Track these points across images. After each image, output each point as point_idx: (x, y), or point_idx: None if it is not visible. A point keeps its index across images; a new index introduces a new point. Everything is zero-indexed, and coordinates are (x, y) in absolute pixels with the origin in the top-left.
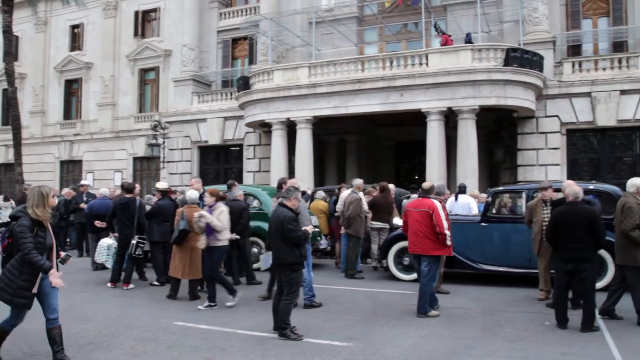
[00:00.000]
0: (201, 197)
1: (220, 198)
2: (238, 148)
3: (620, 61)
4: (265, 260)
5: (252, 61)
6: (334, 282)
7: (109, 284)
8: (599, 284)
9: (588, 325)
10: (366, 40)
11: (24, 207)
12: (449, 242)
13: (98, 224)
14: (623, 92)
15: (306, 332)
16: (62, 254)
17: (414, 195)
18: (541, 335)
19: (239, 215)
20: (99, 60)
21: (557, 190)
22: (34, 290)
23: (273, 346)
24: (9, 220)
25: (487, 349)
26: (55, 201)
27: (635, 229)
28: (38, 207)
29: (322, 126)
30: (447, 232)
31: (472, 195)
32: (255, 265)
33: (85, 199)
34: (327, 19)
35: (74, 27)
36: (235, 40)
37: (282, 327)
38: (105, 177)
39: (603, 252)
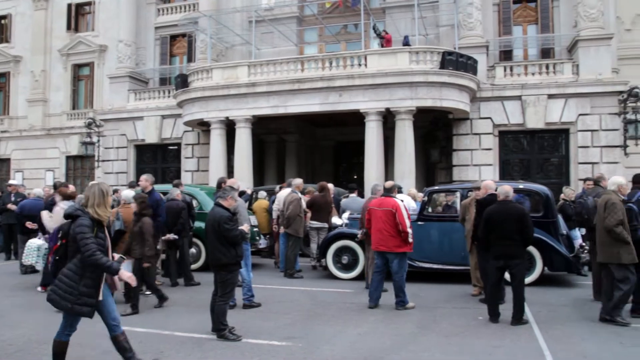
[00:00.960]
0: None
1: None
2: (176, 147)
3: (547, 67)
4: None
5: (190, 59)
6: (273, 282)
7: (39, 288)
8: (528, 279)
9: (518, 318)
10: (306, 41)
11: (81, 205)
12: (410, 240)
13: (29, 225)
14: (550, 96)
15: (245, 332)
16: (116, 256)
17: (353, 195)
18: (475, 329)
19: (177, 215)
20: (29, 54)
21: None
22: (100, 297)
23: (211, 347)
24: None
25: (423, 345)
26: (111, 200)
27: (619, 225)
28: (99, 206)
29: (261, 125)
30: (410, 230)
31: (411, 194)
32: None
33: (13, 199)
34: (267, 18)
35: (0, 17)
36: (173, 37)
37: (220, 328)
38: (36, 177)
39: (532, 249)
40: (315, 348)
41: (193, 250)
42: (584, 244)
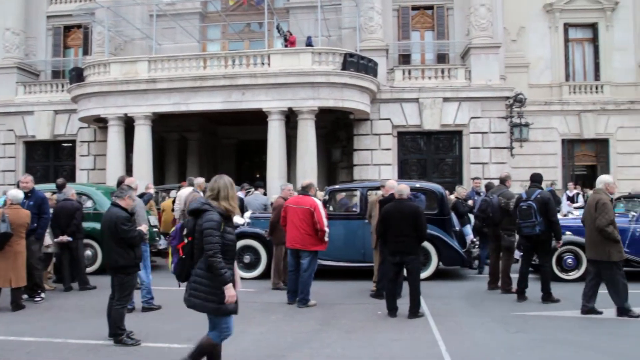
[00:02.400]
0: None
1: None
2: (71, 144)
3: (443, 72)
4: None
5: (86, 52)
6: (173, 284)
7: None
8: (424, 274)
9: (414, 312)
10: (209, 38)
11: (207, 199)
12: (326, 239)
13: None
14: (445, 99)
15: (145, 336)
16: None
17: (256, 192)
18: (374, 324)
19: (71, 216)
20: None
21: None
22: (239, 287)
23: (108, 354)
24: None
25: (325, 341)
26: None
27: (609, 225)
28: (227, 199)
29: (162, 123)
30: (327, 229)
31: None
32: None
33: None
34: (168, 13)
35: None
36: (68, 28)
37: (117, 333)
38: None
39: (428, 245)
40: None
41: (89, 252)
42: (475, 239)
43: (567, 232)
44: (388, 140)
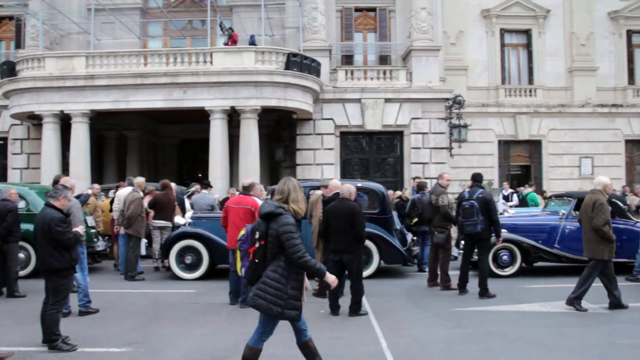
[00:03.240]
0: None
1: None
2: (1, 142)
3: (385, 73)
4: None
5: (19, 45)
6: (112, 286)
7: None
8: (366, 272)
9: (355, 310)
10: (150, 34)
11: (280, 202)
12: None
13: None
14: (387, 100)
15: (81, 341)
16: None
17: (204, 191)
18: (317, 323)
19: (3, 218)
20: None
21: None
22: (304, 298)
23: None
24: None
25: (269, 341)
26: None
27: (606, 225)
28: (296, 202)
29: (101, 121)
30: None
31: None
32: None
33: None
34: (107, 7)
35: None
36: None
37: (52, 338)
38: None
39: (369, 244)
40: (157, 352)
41: (21, 255)
42: (415, 238)
43: (504, 230)
44: (331, 140)
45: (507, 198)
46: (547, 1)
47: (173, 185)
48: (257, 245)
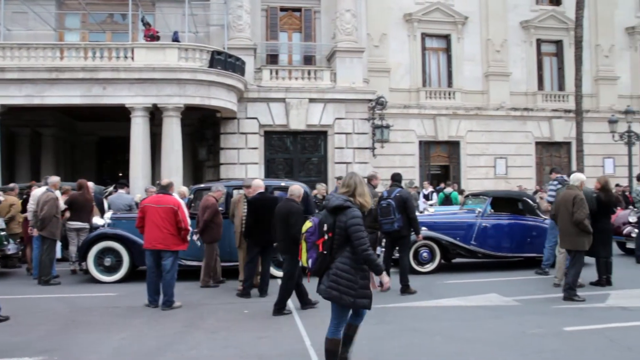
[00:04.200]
0: None
1: None
2: None
3: (309, 73)
4: None
5: None
6: (25, 291)
7: None
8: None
9: (278, 309)
10: (67, 26)
11: (347, 196)
12: (189, 238)
13: None
14: (311, 100)
15: None
16: None
17: (121, 191)
18: (241, 323)
19: None
20: None
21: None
22: (373, 287)
23: None
24: None
25: (190, 343)
26: None
27: (586, 218)
28: (362, 195)
29: (12, 116)
30: (190, 228)
31: (180, 193)
32: None
33: None
34: None
35: None
36: None
37: None
38: None
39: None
40: (74, 359)
41: None
42: None
43: (423, 228)
44: (255, 140)
45: (427, 197)
46: (466, 8)
47: (91, 184)
48: (325, 237)
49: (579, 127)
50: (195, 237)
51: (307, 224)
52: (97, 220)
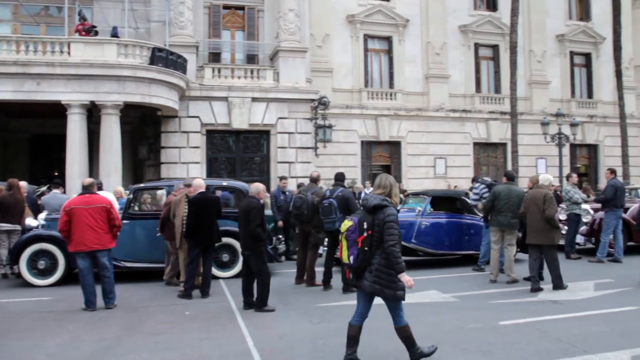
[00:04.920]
0: None
1: None
2: None
3: (252, 72)
4: None
5: None
6: None
7: None
8: (232, 272)
9: (260, 306)
10: None
11: (385, 195)
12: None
13: None
14: (254, 100)
15: None
16: None
17: (56, 191)
18: (182, 325)
19: None
20: None
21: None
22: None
23: None
24: None
25: (129, 347)
26: None
27: (555, 214)
28: (396, 195)
29: None
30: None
31: (117, 192)
32: None
33: None
34: None
35: None
36: None
37: None
38: None
39: (235, 243)
40: None
41: None
42: (280, 236)
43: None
44: (197, 139)
45: None
46: (407, 11)
47: (23, 184)
48: (365, 234)
49: (514, 129)
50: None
51: (348, 223)
52: (30, 221)
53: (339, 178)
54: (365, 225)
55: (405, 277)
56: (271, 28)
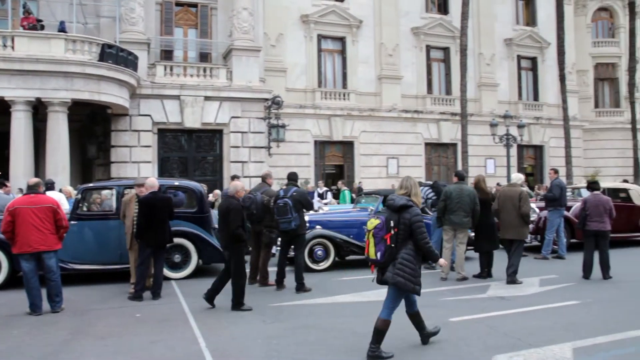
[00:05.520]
0: None
1: None
2: None
3: (205, 70)
4: None
5: None
6: None
7: None
8: (185, 272)
9: (237, 306)
10: None
11: (407, 197)
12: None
13: None
14: (207, 98)
15: None
16: None
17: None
18: (132, 328)
19: None
20: None
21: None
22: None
23: None
24: None
25: (77, 351)
26: None
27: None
28: (417, 195)
29: None
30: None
31: (65, 192)
32: None
33: None
34: None
35: None
36: None
37: None
38: None
39: (187, 243)
40: None
41: None
42: None
43: (318, 226)
44: (148, 137)
45: (321, 196)
46: (360, 12)
47: None
48: (392, 232)
49: (464, 130)
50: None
51: (375, 221)
52: None
53: (292, 178)
54: (392, 224)
55: (442, 261)
56: (225, 26)
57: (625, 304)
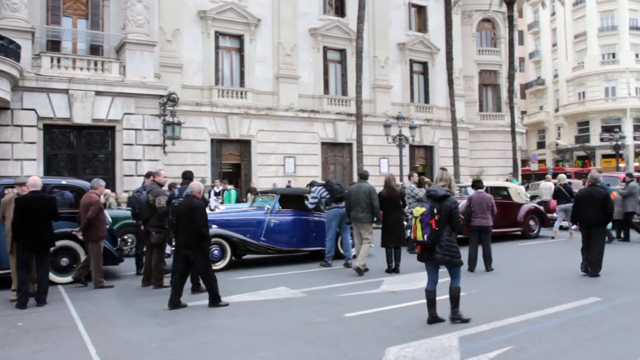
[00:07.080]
0: None
1: None
2: None
3: (96, 63)
4: None
5: None
6: None
7: None
8: (66, 279)
9: (213, 301)
10: None
11: (448, 187)
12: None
13: None
14: (98, 93)
15: None
16: None
17: None
18: (14, 337)
19: None
20: None
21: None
22: None
23: None
24: None
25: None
26: None
27: None
28: (453, 187)
29: None
30: None
31: None
32: None
33: None
34: None
35: None
36: None
37: None
38: None
39: (76, 245)
40: None
41: None
42: (126, 237)
43: (214, 226)
44: (32, 133)
45: (218, 194)
46: (259, 11)
47: None
48: (436, 218)
49: (359, 130)
50: (79, 236)
51: (421, 209)
52: None
53: (187, 176)
54: (435, 211)
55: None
56: (117, 18)
57: (506, 294)
